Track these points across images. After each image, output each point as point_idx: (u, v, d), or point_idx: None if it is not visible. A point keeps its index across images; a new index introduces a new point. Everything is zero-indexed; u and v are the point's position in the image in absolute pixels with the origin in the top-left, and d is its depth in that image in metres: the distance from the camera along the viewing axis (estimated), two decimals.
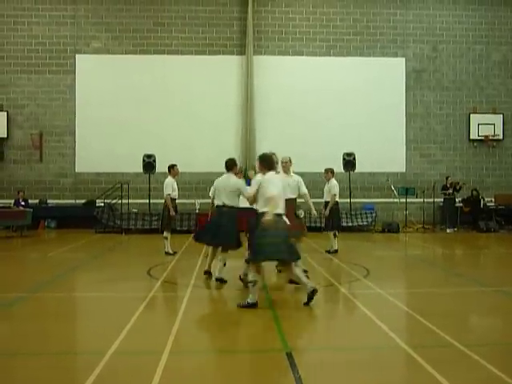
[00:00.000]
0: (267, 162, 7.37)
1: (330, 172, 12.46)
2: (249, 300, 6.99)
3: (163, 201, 11.85)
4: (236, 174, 8.90)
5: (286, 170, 9.18)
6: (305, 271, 8.39)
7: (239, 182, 8.76)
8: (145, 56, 19.35)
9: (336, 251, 12.22)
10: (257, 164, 7.86)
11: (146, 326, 6.40)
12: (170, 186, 11.57)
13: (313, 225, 17.41)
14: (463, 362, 4.99)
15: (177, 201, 12.10)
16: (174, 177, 11.75)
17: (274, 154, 7.77)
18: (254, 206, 7.43)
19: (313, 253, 12.35)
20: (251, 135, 19.18)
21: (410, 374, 4.85)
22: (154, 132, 18.68)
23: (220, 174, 8.92)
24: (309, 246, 13.73)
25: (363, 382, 4.75)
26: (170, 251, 11.96)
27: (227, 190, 8.66)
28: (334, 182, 12.35)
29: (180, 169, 12.42)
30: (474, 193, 18.71)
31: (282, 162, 9.01)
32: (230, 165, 8.86)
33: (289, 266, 7.24)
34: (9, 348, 5.59)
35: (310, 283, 7.16)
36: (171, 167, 11.85)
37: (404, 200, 17.71)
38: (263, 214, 6.94)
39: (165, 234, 11.98)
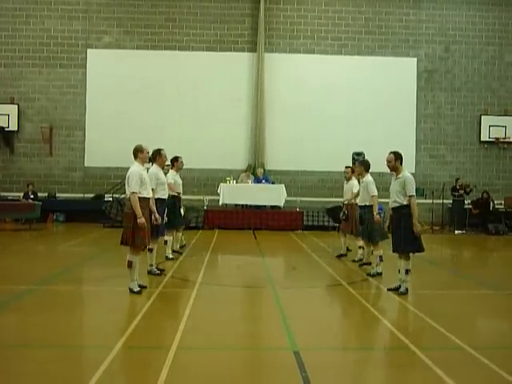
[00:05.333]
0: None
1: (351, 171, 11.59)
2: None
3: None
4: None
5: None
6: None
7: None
8: (156, 51, 19.35)
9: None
10: None
11: (154, 321, 6.41)
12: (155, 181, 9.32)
13: (320, 224, 17.45)
14: (472, 365, 4.96)
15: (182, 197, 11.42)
16: (161, 167, 9.66)
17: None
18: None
19: (320, 252, 12.33)
20: (261, 132, 19.16)
21: (417, 375, 4.82)
22: (163, 127, 18.67)
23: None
24: (317, 246, 13.73)
25: (370, 382, 4.73)
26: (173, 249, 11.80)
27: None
28: (355, 182, 11.12)
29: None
30: (485, 195, 18.59)
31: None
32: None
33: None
34: (17, 340, 5.62)
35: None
36: (157, 153, 9.35)
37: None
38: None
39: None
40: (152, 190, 8.30)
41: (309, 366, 4.76)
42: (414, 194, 7.99)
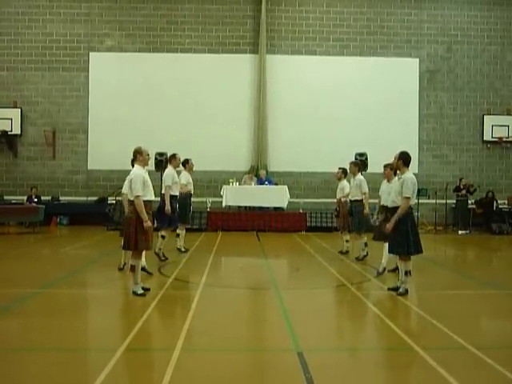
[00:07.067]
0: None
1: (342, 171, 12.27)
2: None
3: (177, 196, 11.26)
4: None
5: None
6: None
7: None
8: (158, 54, 19.37)
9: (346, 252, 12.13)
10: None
11: (158, 323, 6.42)
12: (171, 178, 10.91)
13: (323, 225, 17.43)
14: (476, 365, 4.95)
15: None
16: (174, 168, 11.16)
17: None
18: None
19: (323, 253, 12.32)
20: (263, 134, 19.16)
21: (421, 375, 4.81)
22: (166, 130, 18.70)
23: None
24: (320, 247, 13.71)
25: (374, 383, 4.73)
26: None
27: None
28: (345, 182, 12.13)
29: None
30: (489, 194, 18.55)
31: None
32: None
33: None
34: (21, 344, 5.63)
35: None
36: (172, 157, 11.26)
37: (416, 201, 17.55)
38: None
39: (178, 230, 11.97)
40: (168, 186, 10.48)
41: (313, 367, 4.76)
42: (409, 196, 7.65)
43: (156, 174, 17.36)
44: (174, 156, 11.13)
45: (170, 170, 10.86)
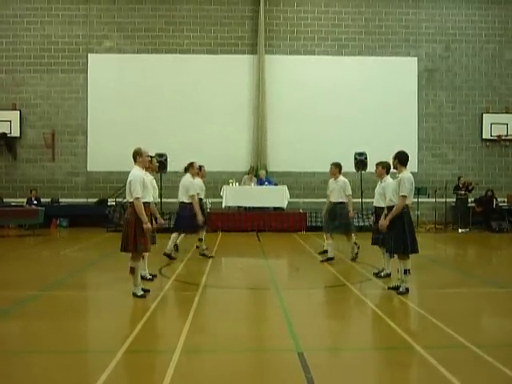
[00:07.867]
0: None
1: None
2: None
3: (180, 200, 11.26)
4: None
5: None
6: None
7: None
8: (156, 55, 19.37)
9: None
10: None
11: (158, 324, 6.42)
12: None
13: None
14: (477, 363, 4.95)
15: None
16: (193, 176, 11.37)
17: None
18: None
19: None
20: (263, 134, 19.16)
21: (422, 374, 4.83)
22: (165, 131, 18.71)
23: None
24: (320, 247, 13.70)
25: (375, 382, 4.73)
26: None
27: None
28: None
29: None
30: (489, 193, 18.56)
31: None
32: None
33: None
34: (21, 346, 5.63)
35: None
36: (190, 165, 11.47)
37: (415, 200, 17.59)
38: None
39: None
40: (197, 194, 10.96)
41: (313, 367, 4.76)
42: (406, 194, 7.59)
43: (156, 176, 17.42)
44: (191, 164, 11.29)
45: (190, 178, 11.08)
